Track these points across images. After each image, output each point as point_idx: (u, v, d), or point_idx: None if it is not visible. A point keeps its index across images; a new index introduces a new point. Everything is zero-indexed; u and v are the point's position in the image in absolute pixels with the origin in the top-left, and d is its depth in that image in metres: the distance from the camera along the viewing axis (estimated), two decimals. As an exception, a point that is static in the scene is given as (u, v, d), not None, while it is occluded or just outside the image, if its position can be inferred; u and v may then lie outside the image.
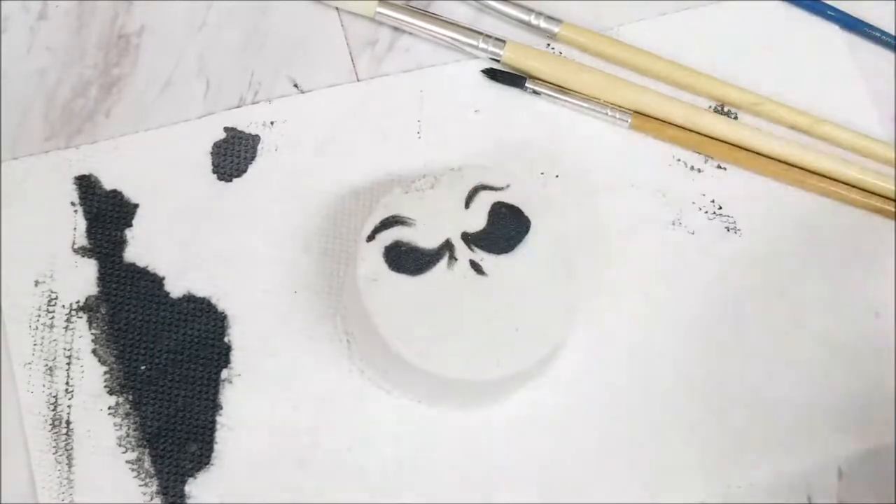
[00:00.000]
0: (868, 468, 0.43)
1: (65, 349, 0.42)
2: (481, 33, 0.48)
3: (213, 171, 0.45)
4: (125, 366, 0.42)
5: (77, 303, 0.43)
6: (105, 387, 0.42)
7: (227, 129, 0.46)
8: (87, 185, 0.44)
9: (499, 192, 0.42)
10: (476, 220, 0.42)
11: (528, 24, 0.49)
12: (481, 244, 0.41)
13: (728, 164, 0.48)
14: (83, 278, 0.43)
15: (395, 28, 0.48)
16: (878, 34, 0.51)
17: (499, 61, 0.48)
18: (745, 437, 0.43)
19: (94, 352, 0.42)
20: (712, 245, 0.46)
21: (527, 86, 0.48)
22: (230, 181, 0.45)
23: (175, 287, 0.43)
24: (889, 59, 0.51)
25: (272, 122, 0.46)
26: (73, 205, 0.44)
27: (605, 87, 0.48)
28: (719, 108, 0.49)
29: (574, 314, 0.41)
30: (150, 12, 0.47)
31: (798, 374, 0.45)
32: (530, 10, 0.49)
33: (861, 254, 0.47)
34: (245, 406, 0.42)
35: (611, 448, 0.43)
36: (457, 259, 0.41)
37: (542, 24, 0.49)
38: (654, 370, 0.44)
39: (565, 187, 0.46)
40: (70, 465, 0.41)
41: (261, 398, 0.42)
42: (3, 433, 0.41)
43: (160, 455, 0.41)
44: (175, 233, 0.44)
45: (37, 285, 0.43)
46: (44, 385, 0.41)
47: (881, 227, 0.47)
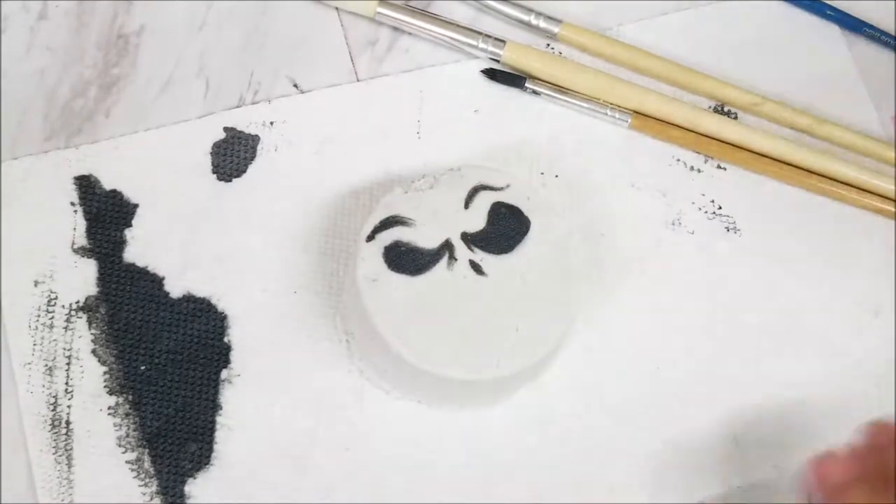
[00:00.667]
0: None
1: (64, 349, 0.42)
2: (481, 33, 0.48)
3: (213, 171, 0.45)
4: (125, 366, 0.42)
5: (77, 303, 0.43)
6: (105, 387, 0.42)
7: (226, 130, 0.46)
8: (86, 185, 0.44)
9: (498, 192, 0.42)
10: (476, 220, 0.42)
11: (527, 25, 0.49)
12: (481, 244, 0.41)
13: (728, 164, 0.48)
14: (83, 278, 0.43)
15: (395, 28, 0.48)
16: (878, 34, 0.51)
17: (498, 61, 0.48)
18: (745, 437, 0.43)
19: (93, 352, 0.42)
20: (712, 245, 0.46)
21: (526, 86, 0.48)
22: (230, 181, 0.45)
23: (175, 287, 0.43)
24: (889, 59, 0.51)
25: (272, 123, 0.46)
26: (72, 205, 0.44)
27: (605, 87, 0.48)
28: (719, 107, 0.49)
29: (573, 314, 0.41)
30: (150, 12, 0.47)
31: (797, 373, 0.45)
32: (530, 11, 0.49)
33: (861, 254, 0.47)
34: (245, 406, 0.42)
35: (611, 448, 0.43)
36: (456, 259, 0.41)
37: (542, 24, 0.49)
38: (654, 370, 0.44)
39: (565, 187, 0.46)
40: (70, 465, 0.41)
41: (260, 398, 0.42)
42: (3, 433, 0.41)
43: (160, 455, 0.41)
44: (175, 233, 0.44)
45: (36, 285, 0.43)
46: (43, 385, 0.41)
47: (881, 227, 0.47)
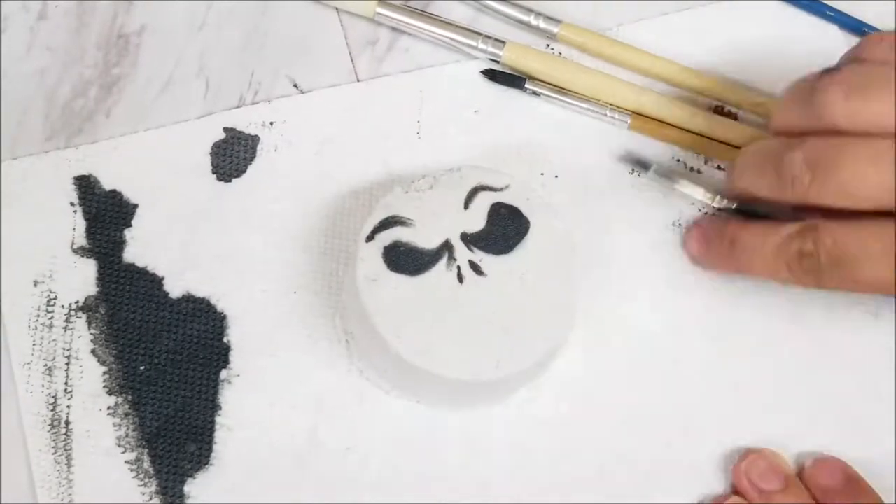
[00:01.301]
0: (868, 468, 0.43)
1: (64, 349, 0.42)
2: (480, 34, 0.48)
3: (213, 172, 0.45)
4: (124, 366, 0.42)
5: (76, 303, 0.43)
6: (104, 387, 0.42)
7: (226, 130, 0.46)
8: (86, 185, 0.44)
9: (498, 192, 0.42)
10: (475, 220, 0.42)
11: (527, 25, 0.49)
12: (480, 244, 0.41)
13: (728, 165, 0.48)
14: (82, 278, 0.43)
15: (395, 28, 0.48)
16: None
17: (498, 62, 0.48)
18: (744, 437, 0.43)
19: (93, 352, 0.42)
20: (712, 245, 0.46)
21: (526, 86, 0.48)
22: (230, 181, 0.45)
23: (174, 287, 0.43)
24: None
25: (272, 123, 0.46)
26: (72, 205, 0.44)
27: (605, 87, 0.48)
28: (719, 108, 0.49)
29: (573, 314, 0.41)
30: (150, 12, 0.47)
31: (798, 374, 0.45)
32: (529, 11, 0.49)
33: (861, 254, 0.47)
34: (244, 406, 0.42)
35: (610, 448, 0.43)
36: (456, 259, 0.41)
37: (542, 24, 0.49)
38: (654, 370, 0.44)
39: (564, 188, 0.46)
40: (69, 465, 0.41)
41: (260, 398, 0.42)
42: (2, 433, 0.41)
43: (159, 455, 0.41)
44: (174, 233, 0.44)
45: (36, 285, 0.43)
46: (43, 385, 0.41)
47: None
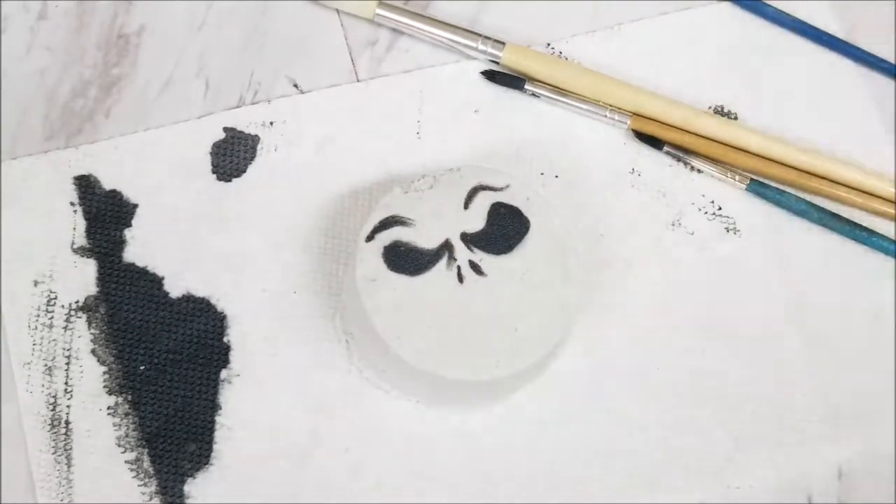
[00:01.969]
0: (868, 468, 0.43)
1: (64, 349, 0.42)
2: (480, 35, 0.48)
3: (213, 171, 0.45)
4: (124, 366, 0.42)
5: (76, 303, 0.43)
6: (104, 387, 0.42)
7: (226, 130, 0.46)
8: (86, 185, 0.44)
9: (498, 192, 0.42)
10: (475, 220, 0.42)
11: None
12: (480, 244, 0.41)
13: (728, 166, 0.48)
14: (82, 278, 0.43)
15: (395, 29, 0.48)
16: (872, 59, 0.51)
17: (498, 63, 0.48)
18: (745, 437, 0.43)
19: (93, 352, 0.42)
20: (712, 245, 0.46)
21: (526, 87, 0.48)
22: (230, 181, 0.45)
23: (174, 287, 0.43)
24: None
25: (272, 123, 0.46)
26: (72, 205, 0.44)
27: (604, 88, 0.48)
28: (719, 108, 0.49)
29: (573, 314, 0.41)
30: (150, 12, 0.48)
31: (798, 374, 0.45)
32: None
33: (861, 255, 0.47)
34: (244, 406, 0.42)
35: (611, 448, 0.43)
36: (456, 259, 0.41)
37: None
38: (654, 370, 0.44)
39: (564, 188, 0.46)
40: (69, 464, 0.41)
41: (260, 398, 0.42)
42: (2, 433, 0.41)
43: (159, 455, 0.41)
44: (174, 233, 0.44)
45: (36, 285, 0.43)
46: (43, 385, 0.41)
47: (881, 229, 0.47)
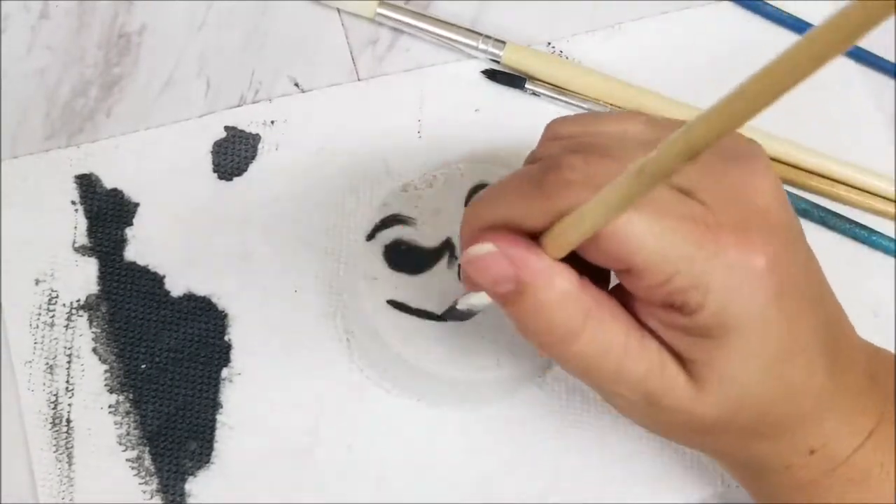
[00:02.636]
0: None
1: (65, 348, 0.42)
2: (481, 34, 0.48)
3: (214, 170, 0.45)
4: (125, 364, 0.42)
5: (77, 301, 0.43)
6: (105, 385, 0.42)
7: (227, 128, 0.46)
8: (87, 184, 0.44)
9: (499, 191, 0.42)
10: (476, 219, 0.42)
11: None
12: (481, 243, 0.41)
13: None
14: (84, 277, 0.43)
15: (396, 28, 0.48)
16: (872, 59, 0.51)
17: (498, 62, 0.48)
18: (744, 436, 0.44)
19: (94, 350, 0.42)
20: (712, 245, 0.46)
21: (526, 86, 0.48)
22: (231, 180, 0.45)
23: (175, 286, 0.43)
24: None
25: (273, 122, 0.46)
26: (73, 204, 0.44)
27: (605, 88, 0.48)
28: (719, 108, 0.49)
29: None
30: (151, 11, 0.48)
31: (798, 373, 0.45)
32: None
33: (861, 254, 0.47)
34: (245, 405, 0.42)
35: (611, 448, 0.43)
36: (457, 258, 0.41)
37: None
38: (654, 369, 0.44)
39: (565, 187, 0.46)
40: (70, 463, 0.41)
41: (261, 397, 0.42)
42: (3, 432, 0.41)
43: (160, 453, 0.41)
44: (175, 232, 0.44)
45: (37, 284, 0.43)
46: (44, 383, 0.41)
47: (881, 228, 0.47)
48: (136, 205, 0.44)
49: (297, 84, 0.47)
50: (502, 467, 0.42)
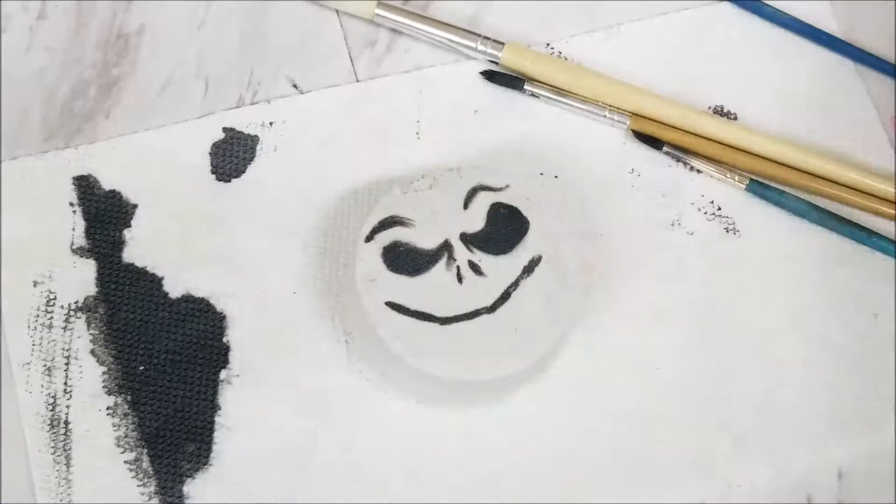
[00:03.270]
0: (868, 468, 0.43)
1: (63, 349, 0.42)
2: (479, 35, 0.48)
3: (212, 172, 0.45)
4: (124, 366, 0.42)
5: (76, 303, 0.43)
6: (103, 387, 0.42)
7: (226, 130, 0.46)
8: (85, 186, 0.44)
9: (497, 192, 0.42)
10: (475, 220, 0.42)
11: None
12: (480, 245, 0.41)
13: (728, 166, 0.48)
14: (82, 279, 0.43)
15: (394, 29, 0.48)
16: (872, 59, 0.51)
17: (497, 63, 0.48)
18: (745, 437, 0.43)
19: (92, 352, 0.42)
20: (711, 246, 0.46)
21: (525, 88, 0.48)
22: (229, 181, 0.45)
23: (174, 287, 0.43)
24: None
25: (271, 123, 0.46)
26: (71, 205, 0.44)
27: (604, 88, 0.48)
28: (719, 109, 0.49)
29: (573, 314, 0.41)
30: (149, 12, 0.47)
31: (798, 374, 0.45)
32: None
33: (860, 254, 0.47)
34: (244, 406, 0.42)
35: (611, 448, 0.43)
36: (455, 259, 0.41)
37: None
38: (654, 370, 0.44)
39: (564, 188, 0.46)
40: (68, 465, 0.41)
41: (259, 398, 0.42)
42: (2, 433, 0.41)
43: (158, 455, 0.41)
44: (174, 233, 0.44)
45: (35, 285, 0.43)
46: (42, 385, 0.41)
47: (881, 229, 0.47)
48: (135, 206, 0.44)
49: (295, 85, 0.47)
50: (501, 468, 0.42)
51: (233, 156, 0.45)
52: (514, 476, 0.42)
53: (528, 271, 0.41)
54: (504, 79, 0.48)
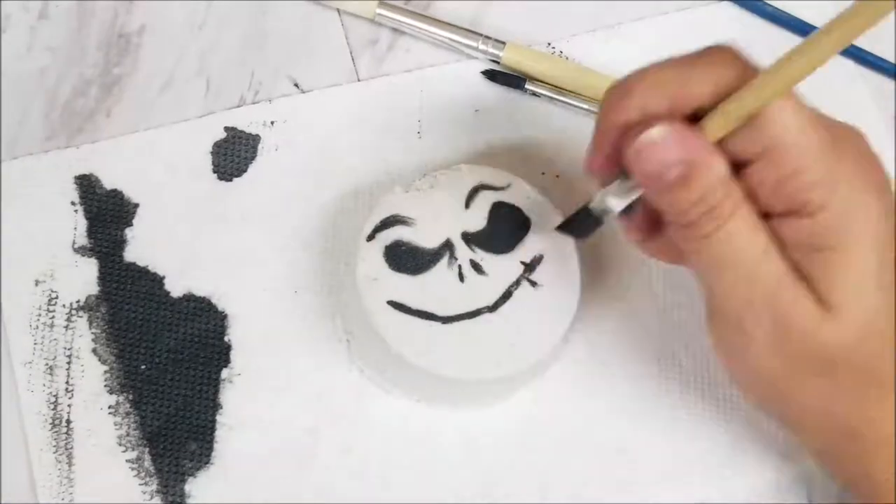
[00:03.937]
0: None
1: (65, 348, 0.42)
2: (481, 34, 0.48)
3: (214, 171, 0.45)
4: (125, 365, 0.42)
5: (77, 302, 0.43)
6: (105, 386, 0.42)
7: (227, 129, 0.46)
8: (87, 185, 0.44)
9: (499, 191, 0.42)
10: (476, 219, 0.42)
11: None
12: (481, 244, 0.41)
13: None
14: (83, 278, 0.43)
15: (396, 28, 0.48)
16: (872, 59, 0.51)
17: (498, 62, 0.48)
18: (745, 436, 0.43)
19: (94, 351, 0.42)
20: (712, 245, 0.46)
21: (526, 87, 0.48)
22: (230, 181, 0.45)
23: (175, 286, 0.43)
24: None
25: (272, 122, 0.46)
26: (73, 204, 0.44)
27: (605, 88, 0.48)
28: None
29: (574, 314, 0.41)
30: (151, 12, 0.48)
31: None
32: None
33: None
34: (245, 405, 0.42)
35: (611, 448, 0.43)
36: (457, 259, 0.41)
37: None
38: (655, 369, 0.44)
39: (565, 187, 0.46)
40: (70, 463, 0.41)
41: (261, 398, 0.42)
42: (3, 433, 0.41)
43: (160, 454, 0.41)
44: (175, 232, 0.44)
45: (37, 285, 0.43)
46: (44, 384, 0.41)
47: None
48: (136, 205, 0.44)
49: (296, 84, 0.47)
50: (501, 468, 0.42)
51: (234, 155, 0.45)
52: (514, 475, 0.42)
53: (529, 270, 0.41)
54: (505, 78, 0.48)
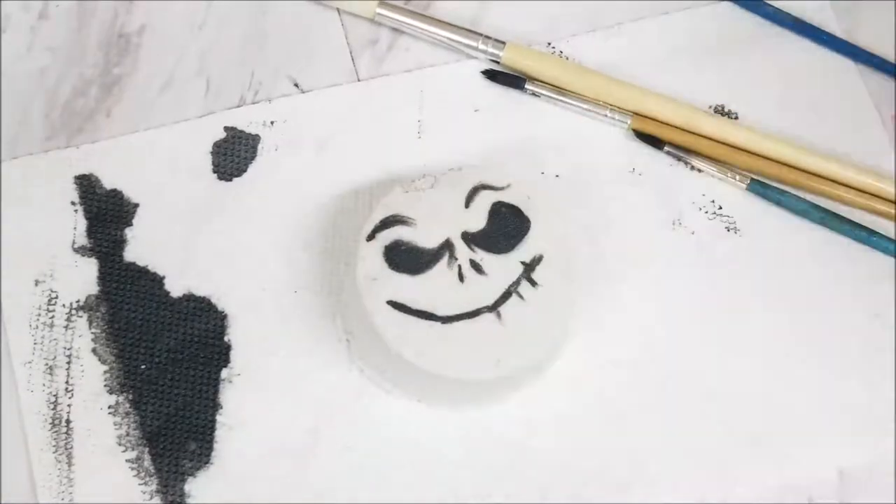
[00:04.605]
0: (868, 468, 0.43)
1: (65, 348, 0.42)
2: (481, 34, 0.48)
3: (214, 171, 0.45)
4: (125, 365, 0.42)
5: (77, 302, 0.43)
6: (105, 386, 0.42)
7: (227, 129, 0.46)
8: (87, 185, 0.44)
9: (499, 191, 0.42)
10: (476, 219, 0.42)
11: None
12: (481, 244, 0.41)
13: (729, 165, 0.48)
14: (83, 278, 0.43)
15: (396, 28, 0.48)
16: (872, 59, 0.51)
17: (498, 62, 0.48)
18: (745, 437, 0.43)
19: (94, 351, 0.42)
20: (712, 245, 0.46)
21: (526, 87, 0.48)
22: (230, 181, 0.45)
23: (175, 286, 0.43)
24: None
25: (272, 122, 0.46)
26: (73, 204, 0.44)
27: (605, 88, 0.48)
28: (720, 108, 0.49)
29: (573, 314, 0.41)
30: (151, 12, 0.48)
31: (798, 374, 0.45)
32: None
33: (860, 255, 0.47)
34: (245, 405, 0.42)
35: (611, 448, 0.43)
36: (457, 258, 0.41)
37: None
38: (654, 370, 0.44)
39: (565, 187, 0.46)
40: (70, 463, 0.41)
41: (260, 397, 0.42)
42: (3, 432, 0.41)
43: (160, 454, 0.41)
44: (175, 232, 0.44)
45: (37, 284, 0.43)
46: (44, 384, 0.41)
47: (881, 229, 0.47)
48: (136, 205, 0.44)
49: (296, 84, 0.47)
50: (501, 467, 0.42)
51: (234, 155, 0.45)
52: (514, 475, 0.42)
53: (529, 270, 0.41)
54: (505, 78, 0.48)
